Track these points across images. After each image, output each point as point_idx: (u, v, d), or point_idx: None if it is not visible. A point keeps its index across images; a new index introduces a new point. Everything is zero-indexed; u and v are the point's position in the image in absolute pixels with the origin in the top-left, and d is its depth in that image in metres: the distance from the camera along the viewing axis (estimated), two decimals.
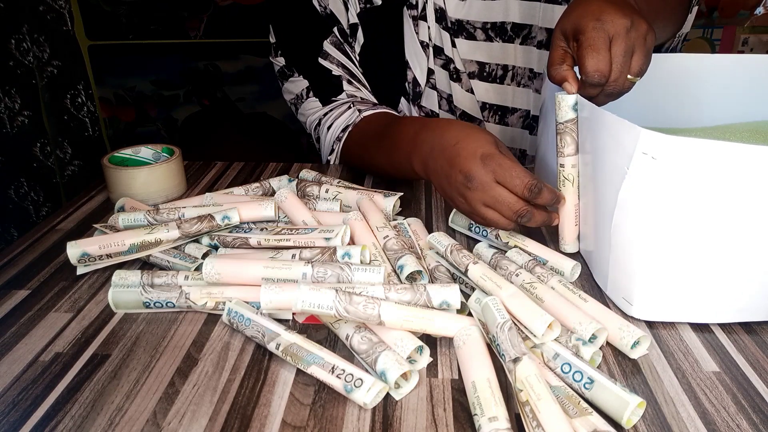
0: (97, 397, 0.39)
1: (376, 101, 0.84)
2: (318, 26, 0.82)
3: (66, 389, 0.40)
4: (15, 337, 0.46)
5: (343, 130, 0.80)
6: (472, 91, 0.84)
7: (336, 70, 0.82)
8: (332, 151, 0.82)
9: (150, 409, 0.38)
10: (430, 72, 0.84)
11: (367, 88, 0.84)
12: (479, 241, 0.57)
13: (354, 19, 0.82)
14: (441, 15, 0.81)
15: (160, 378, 0.41)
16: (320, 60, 0.82)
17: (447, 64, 0.83)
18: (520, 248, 0.53)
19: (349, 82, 0.82)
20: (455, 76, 0.83)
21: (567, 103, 0.52)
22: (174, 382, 0.41)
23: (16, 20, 1.64)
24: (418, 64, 0.83)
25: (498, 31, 0.83)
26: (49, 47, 1.71)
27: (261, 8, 1.79)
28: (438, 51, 0.83)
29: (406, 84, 0.85)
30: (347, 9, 0.82)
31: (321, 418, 0.37)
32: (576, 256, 0.56)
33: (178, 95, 1.90)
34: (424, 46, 0.82)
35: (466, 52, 0.83)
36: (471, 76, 0.84)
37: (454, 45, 0.82)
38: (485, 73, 0.84)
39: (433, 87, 0.85)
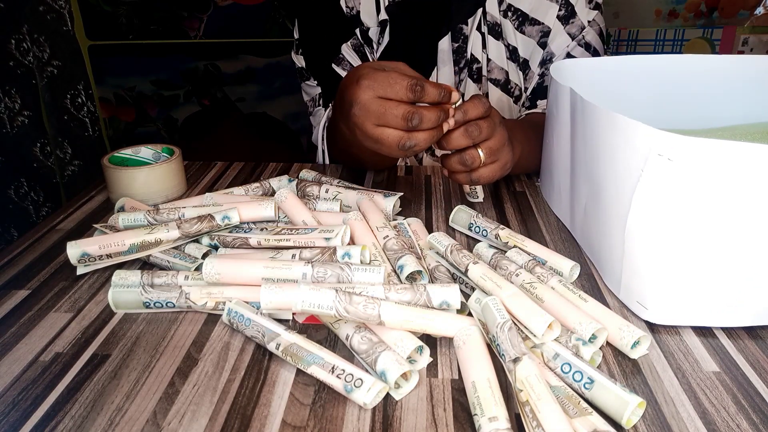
0: (97, 397, 0.39)
1: None
2: (340, 28, 0.82)
3: (66, 389, 0.40)
4: (15, 337, 0.46)
5: (329, 114, 0.81)
6: (487, 96, 0.85)
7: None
8: (323, 139, 0.83)
9: (150, 409, 0.38)
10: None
11: None
12: (479, 241, 0.57)
13: (384, 16, 0.82)
14: (491, 25, 0.83)
15: (160, 378, 0.41)
16: (333, 65, 0.82)
17: (471, 63, 0.84)
18: (520, 248, 0.53)
19: None
20: (476, 76, 0.84)
21: None
22: (174, 382, 0.41)
23: (16, 20, 1.64)
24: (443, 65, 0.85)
25: (522, 63, 0.84)
26: (49, 47, 1.71)
27: (261, 8, 1.79)
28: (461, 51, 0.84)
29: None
30: (379, 8, 0.82)
31: (321, 418, 0.37)
32: (575, 257, 0.56)
33: (178, 95, 1.91)
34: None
35: (495, 57, 0.84)
36: (495, 83, 0.85)
37: (484, 47, 0.83)
38: (508, 88, 0.85)
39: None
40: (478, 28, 0.82)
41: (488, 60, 0.84)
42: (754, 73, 0.68)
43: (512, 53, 0.84)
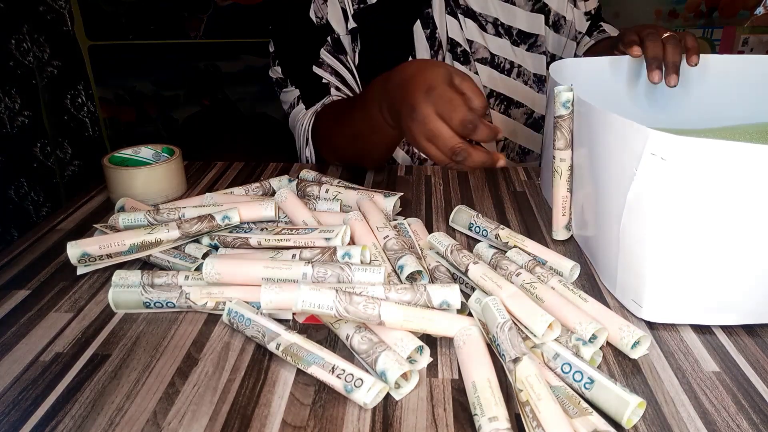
0: (97, 397, 0.39)
1: None
2: (314, 36, 0.84)
3: (66, 389, 0.40)
4: (15, 337, 0.46)
5: (314, 113, 0.82)
6: (477, 74, 0.87)
7: (326, 78, 0.83)
8: (307, 141, 0.83)
9: (150, 409, 0.38)
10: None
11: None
12: (479, 241, 0.57)
13: (353, 24, 0.83)
14: (450, 3, 0.85)
15: (161, 378, 0.41)
16: (315, 68, 0.83)
17: (453, 48, 0.85)
18: (520, 248, 0.53)
19: (338, 89, 0.84)
20: (462, 59, 0.86)
21: (560, 99, 0.54)
22: (174, 382, 0.41)
23: (16, 20, 1.64)
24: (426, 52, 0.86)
25: (506, 31, 0.85)
26: (49, 47, 1.71)
27: (261, 8, 1.79)
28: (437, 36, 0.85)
29: None
30: (346, 16, 0.83)
31: (321, 418, 0.37)
32: (575, 257, 0.56)
33: (178, 95, 1.90)
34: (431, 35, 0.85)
35: (476, 37, 0.86)
36: (482, 61, 0.87)
37: (462, 29, 0.86)
38: (495, 63, 0.87)
39: None
40: (450, 13, 0.83)
41: (470, 42, 0.85)
42: (755, 72, 0.68)
43: (495, 26, 0.86)
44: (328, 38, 0.83)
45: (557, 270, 0.51)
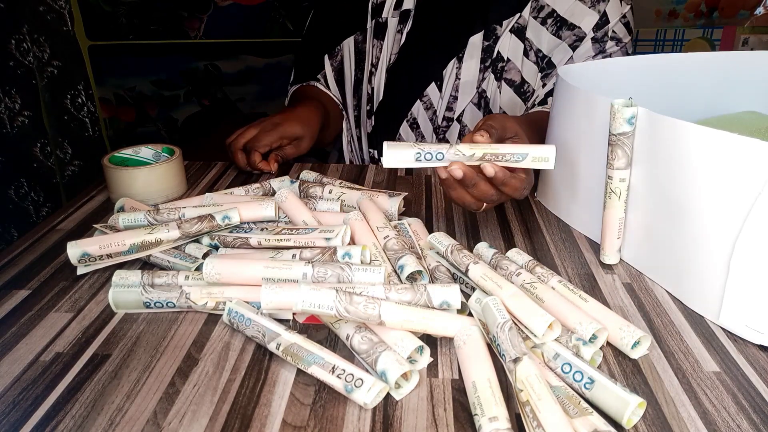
0: (97, 397, 0.39)
1: (339, 102, 0.93)
2: (355, 18, 0.86)
3: (66, 389, 0.40)
4: (15, 337, 0.46)
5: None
6: (500, 93, 0.87)
7: (327, 70, 0.87)
8: None
9: (150, 409, 0.38)
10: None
11: (343, 98, 0.92)
12: (479, 241, 0.57)
13: (408, 5, 0.85)
14: (519, 27, 0.85)
15: (161, 378, 0.41)
16: (326, 57, 0.86)
17: (496, 62, 0.85)
18: (492, 153, 0.51)
19: (327, 84, 0.88)
20: (498, 75, 0.86)
21: (623, 115, 0.49)
22: (174, 382, 0.41)
23: (16, 20, 1.64)
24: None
25: (547, 64, 0.85)
26: (49, 47, 1.71)
27: (261, 8, 1.79)
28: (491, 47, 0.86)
29: (444, 73, 0.87)
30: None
31: (321, 418, 0.37)
32: (576, 256, 0.56)
33: (178, 95, 1.90)
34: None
35: (516, 58, 0.86)
36: (509, 83, 0.87)
37: (509, 48, 0.86)
38: (522, 90, 0.87)
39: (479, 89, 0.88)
40: (511, 30, 0.84)
41: (507, 60, 0.85)
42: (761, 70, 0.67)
43: (536, 54, 0.85)
44: (373, 21, 0.85)
45: (540, 158, 0.50)
